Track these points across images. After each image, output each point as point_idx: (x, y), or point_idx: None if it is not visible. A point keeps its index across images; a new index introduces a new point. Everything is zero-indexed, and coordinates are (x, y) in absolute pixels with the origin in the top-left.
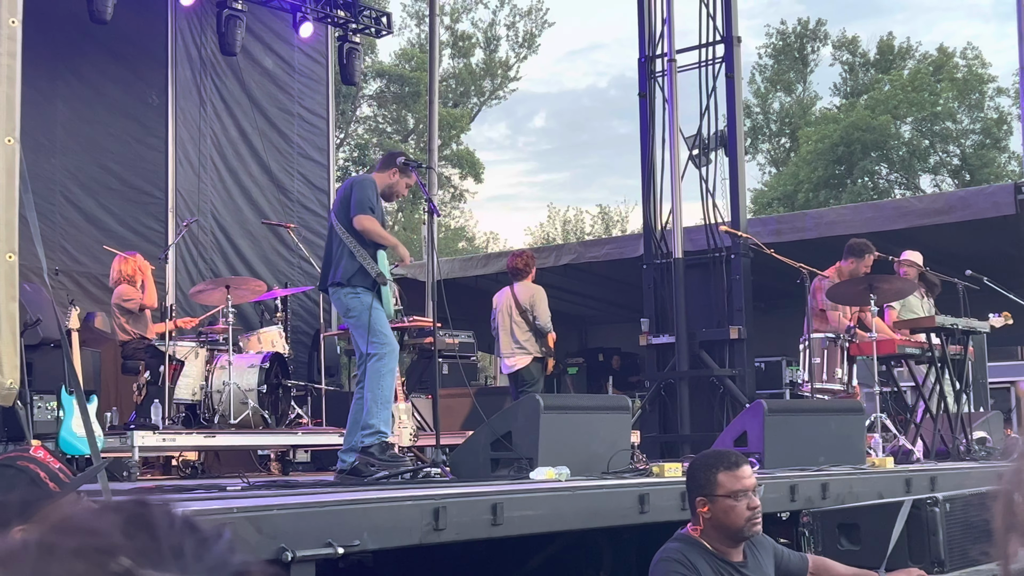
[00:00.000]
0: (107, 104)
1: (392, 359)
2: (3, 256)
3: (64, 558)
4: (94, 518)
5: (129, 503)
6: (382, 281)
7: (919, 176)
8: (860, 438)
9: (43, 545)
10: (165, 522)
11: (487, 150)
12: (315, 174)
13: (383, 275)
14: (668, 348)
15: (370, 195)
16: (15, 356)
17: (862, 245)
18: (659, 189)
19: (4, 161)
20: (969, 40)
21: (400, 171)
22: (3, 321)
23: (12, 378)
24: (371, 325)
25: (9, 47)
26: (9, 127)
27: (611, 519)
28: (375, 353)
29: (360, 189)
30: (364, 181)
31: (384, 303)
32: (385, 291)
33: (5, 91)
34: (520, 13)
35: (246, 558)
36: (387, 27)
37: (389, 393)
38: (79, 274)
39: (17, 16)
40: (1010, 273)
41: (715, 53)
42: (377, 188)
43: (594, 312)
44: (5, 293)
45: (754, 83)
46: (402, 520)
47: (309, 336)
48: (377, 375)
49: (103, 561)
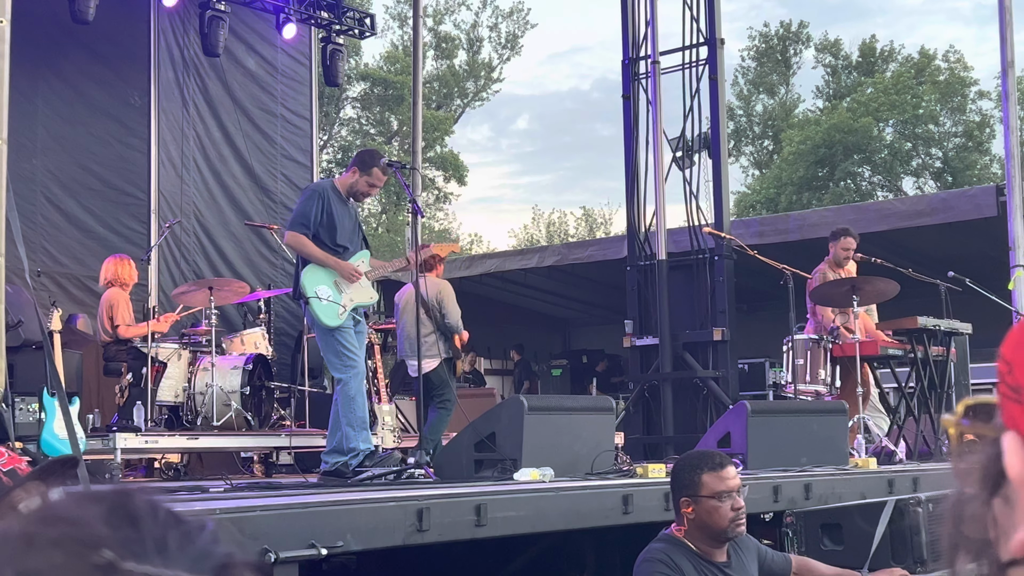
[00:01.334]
0: (89, 105)
1: (357, 380)
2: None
3: (44, 548)
4: (76, 508)
5: (111, 493)
6: (297, 297)
7: (901, 179)
8: (843, 439)
9: (22, 535)
10: (148, 513)
11: (470, 152)
12: (298, 176)
13: (304, 294)
14: (652, 349)
15: (309, 207)
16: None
17: (837, 229)
18: (643, 191)
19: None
20: (950, 43)
21: (360, 170)
22: None
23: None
24: (328, 347)
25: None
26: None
27: (595, 520)
28: (339, 378)
29: (300, 200)
30: (308, 190)
31: (317, 318)
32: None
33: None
34: (502, 14)
35: (230, 549)
36: (371, 28)
37: (363, 412)
38: (60, 275)
39: (6, 16)
40: (992, 275)
41: (698, 55)
42: (327, 193)
43: (578, 314)
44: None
45: (737, 85)
46: (385, 521)
47: (292, 338)
48: (347, 399)
49: (84, 552)
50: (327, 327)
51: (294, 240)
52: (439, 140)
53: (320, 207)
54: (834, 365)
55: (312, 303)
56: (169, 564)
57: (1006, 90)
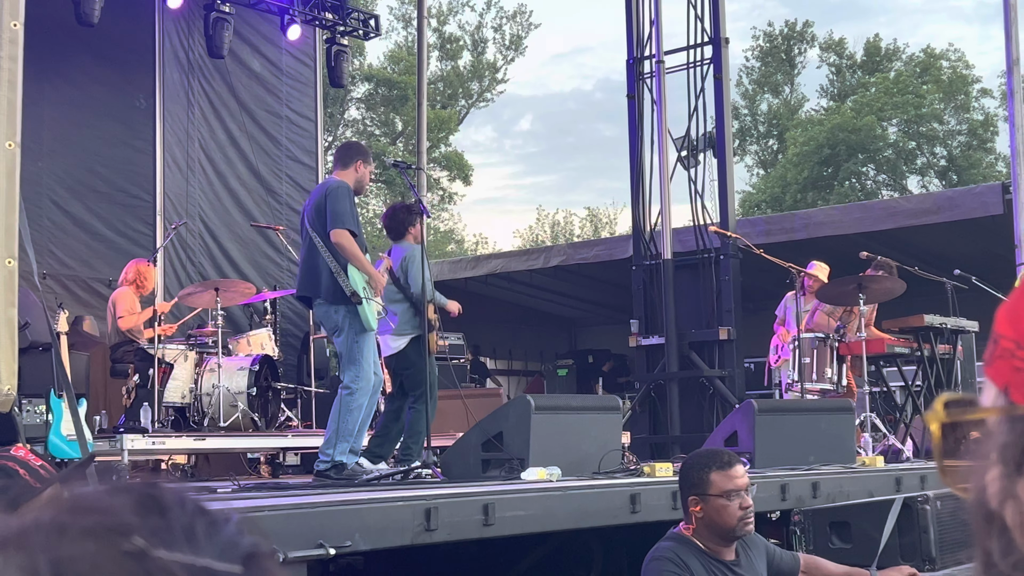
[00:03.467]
0: (94, 107)
1: (363, 395)
2: (2, 261)
3: (76, 537)
4: (106, 498)
5: (140, 484)
6: (356, 300)
7: (906, 177)
8: (850, 437)
9: (54, 524)
10: (176, 503)
11: (473, 153)
12: (303, 176)
13: (357, 294)
14: (658, 349)
15: (347, 206)
16: (13, 362)
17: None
18: (648, 190)
19: (5, 165)
20: (952, 42)
21: (363, 160)
22: (2, 327)
23: (10, 384)
24: (350, 353)
25: (11, 51)
26: (10, 131)
27: (602, 519)
28: (348, 386)
29: (335, 199)
30: (338, 189)
31: (364, 319)
32: (366, 306)
33: (6, 95)
34: (506, 15)
35: (256, 539)
36: (375, 29)
37: (354, 427)
38: (67, 277)
39: (19, 19)
40: (998, 272)
41: (703, 55)
42: (351, 192)
43: (583, 314)
44: (4, 299)
45: (741, 85)
46: (394, 521)
47: (298, 339)
48: (346, 408)
49: (116, 540)
50: (369, 330)
51: (344, 239)
52: (444, 140)
53: (351, 206)
54: (840, 364)
55: (365, 304)
56: (198, 552)
57: (1011, 87)
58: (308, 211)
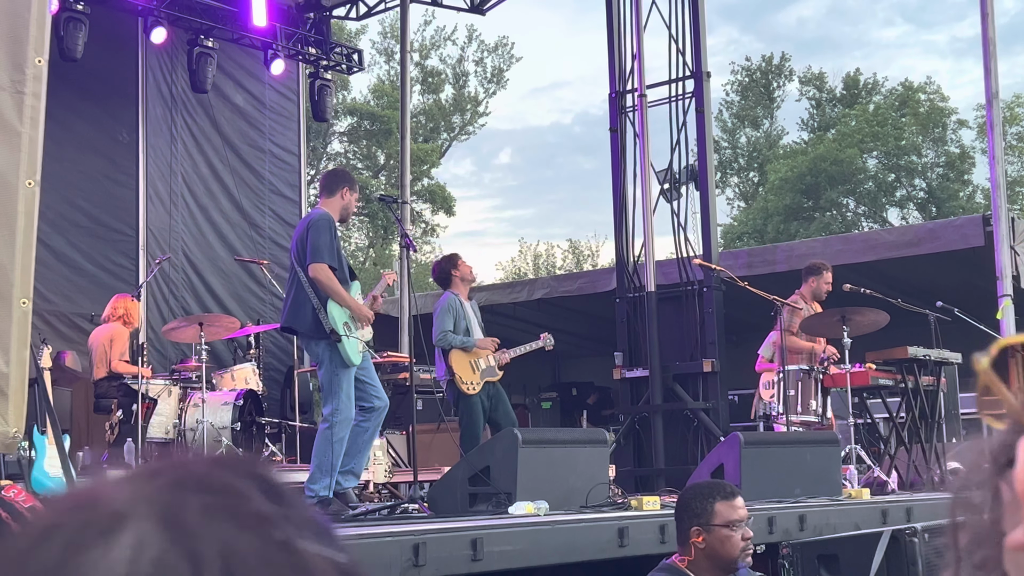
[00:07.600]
0: (77, 141)
1: (343, 428)
2: (17, 302)
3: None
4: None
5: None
6: (335, 338)
7: (886, 209)
8: (836, 469)
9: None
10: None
11: (453, 187)
12: (286, 210)
13: (336, 332)
14: (642, 381)
15: (327, 239)
16: (23, 404)
17: (818, 264)
18: (631, 223)
19: (24, 204)
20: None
21: (349, 187)
22: (14, 368)
23: (17, 426)
24: (329, 386)
25: (34, 87)
26: (31, 170)
27: (591, 553)
28: (327, 419)
29: (316, 232)
30: (319, 222)
31: (344, 355)
32: (346, 343)
33: (28, 133)
34: (488, 48)
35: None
36: (358, 64)
37: (337, 461)
38: (49, 312)
39: (43, 55)
40: (980, 304)
41: (684, 88)
42: (334, 223)
43: (567, 346)
44: (18, 340)
45: (721, 119)
46: (381, 556)
47: (282, 373)
48: (326, 443)
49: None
50: (350, 365)
51: (322, 273)
52: (426, 173)
53: (331, 238)
54: (824, 396)
55: (344, 341)
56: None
57: (991, 120)
58: (293, 245)
